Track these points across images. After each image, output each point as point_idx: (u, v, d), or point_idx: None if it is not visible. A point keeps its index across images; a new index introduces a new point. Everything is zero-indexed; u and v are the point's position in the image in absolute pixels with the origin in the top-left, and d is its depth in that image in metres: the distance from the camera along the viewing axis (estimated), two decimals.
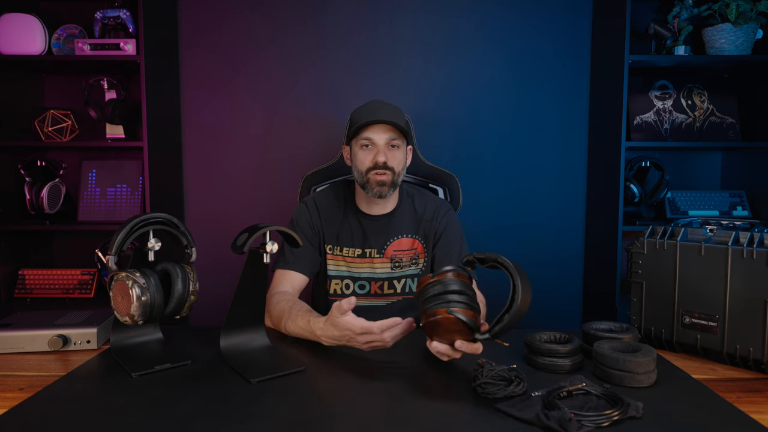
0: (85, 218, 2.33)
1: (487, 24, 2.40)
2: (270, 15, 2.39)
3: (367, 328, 1.03)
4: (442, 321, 0.90)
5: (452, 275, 0.94)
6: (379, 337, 1.03)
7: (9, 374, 1.05)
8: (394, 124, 1.40)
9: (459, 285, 0.93)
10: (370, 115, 1.41)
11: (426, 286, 0.95)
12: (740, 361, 1.08)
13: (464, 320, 0.89)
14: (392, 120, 1.40)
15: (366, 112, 1.43)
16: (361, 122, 1.40)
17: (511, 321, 0.88)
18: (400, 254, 1.52)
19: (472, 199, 2.15)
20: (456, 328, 0.91)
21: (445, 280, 0.93)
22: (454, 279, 0.93)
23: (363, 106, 1.48)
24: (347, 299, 1.05)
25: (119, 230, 1.03)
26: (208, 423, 0.83)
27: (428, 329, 0.94)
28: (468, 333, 0.91)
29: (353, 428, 0.82)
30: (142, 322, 1.02)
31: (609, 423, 0.80)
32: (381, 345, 1.05)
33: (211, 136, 2.44)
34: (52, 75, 2.43)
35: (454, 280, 0.93)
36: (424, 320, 0.94)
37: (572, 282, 2.51)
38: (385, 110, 1.43)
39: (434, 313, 0.91)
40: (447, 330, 0.92)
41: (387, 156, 1.41)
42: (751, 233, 1.07)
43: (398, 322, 1.03)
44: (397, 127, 1.41)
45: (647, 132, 2.38)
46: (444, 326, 0.91)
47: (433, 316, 0.91)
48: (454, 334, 0.92)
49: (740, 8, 2.08)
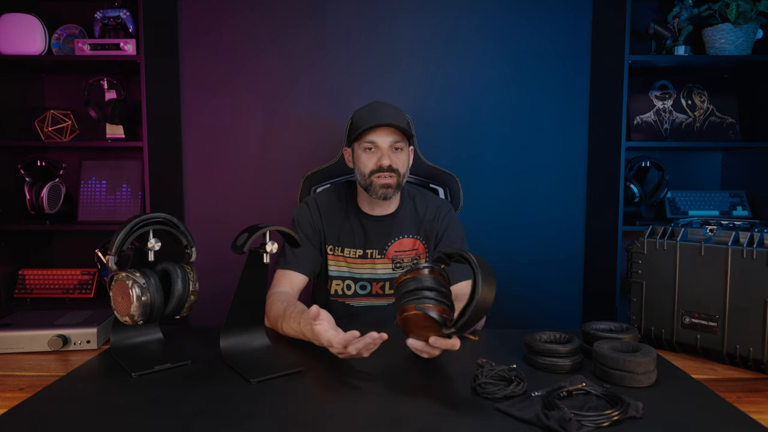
0: (85, 218, 2.33)
1: (487, 24, 2.40)
2: (270, 15, 2.39)
3: (330, 342, 1.01)
4: (412, 317, 0.93)
5: (426, 272, 0.95)
6: (344, 351, 1.00)
7: (9, 374, 1.05)
8: (398, 126, 1.40)
9: (431, 282, 0.94)
10: (373, 118, 1.40)
11: (400, 284, 0.97)
12: (740, 361, 1.08)
13: (432, 315, 0.90)
14: (396, 123, 1.39)
15: (368, 114, 1.42)
16: (364, 126, 1.39)
17: (473, 315, 0.89)
18: (401, 255, 1.52)
19: (472, 199, 2.15)
20: (426, 324, 0.93)
21: (418, 276, 0.95)
22: (427, 276, 0.95)
23: (364, 108, 1.47)
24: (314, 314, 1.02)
25: (119, 230, 1.03)
26: (208, 423, 0.83)
27: (403, 326, 0.96)
28: (439, 329, 0.93)
29: (353, 428, 0.82)
30: (142, 322, 1.02)
31: (609, 423, 0.80)
32: (356, 355, 1.01)
33: (211, 136, 2.44)
34: (52, 75, 2.43)
35: (426, 277, 0.95)
36: (398, 317, 0.96)
37: (572, 282, 2.51)
38: (387, 112, 1.42)
39: (404, 309, 0.93)
40: (418, 326, 0.94)
41: (391, 159, 1.41)
42: (751, 233, 1.07)
43: (355, 336, 0.98)
44: (400, 129, 1.41)
45: (647, 132, 2.38)
46: (414, 322, 0.93)
47: (404, 312, 0.94)
48: (427, 330, 0.94)
49: (740, 8, 2.08)
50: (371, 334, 0.98)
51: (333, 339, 1.01)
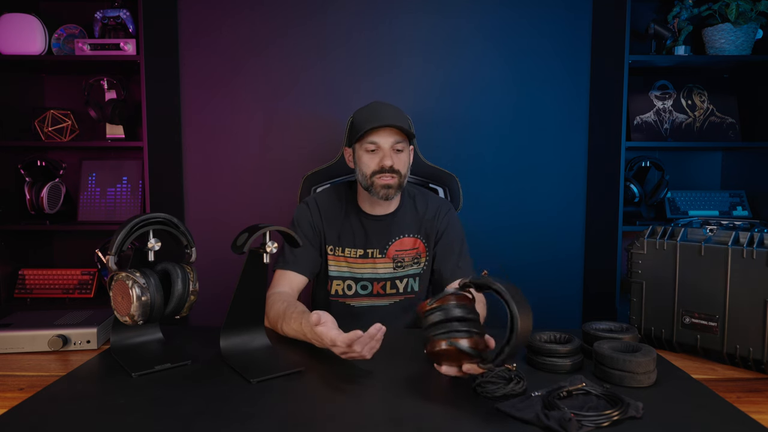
0: (85, 218, 2.33)
1: (487, 24, 2.40)
2: (270, 15, 2.39)
3: (334, 341, 1.01)
4: (445, 352, 0.89)
5: (453, 299, 0.91)
6: (349, 350, 1.01)
7: (9, 374, 1.05)
8: (399, 127, 1.40)
9: (460, 310, 0.90)
10: (375, 119, 1.40)
11: (427, 313, 0.92)
12: (740, 361, 1.08)
13: (467, 351, 0.87)
14: (397, 123, 1.39)
15: (370, 114, 1.42)
16: (366, 127, 1.39)
17: (512, 350, 0.86)
18: (402, 254, 1.52)
19: (472, 199, 2.15)
20: (460, 357, 0.90)
21: (446, 306, 0.91)
22: (455, 304, 0.91)
23: (365, 108, 1.47)
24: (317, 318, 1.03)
25: (119, 230, 1.03)
26: (208, 423, 0.83)
27: (433, 357, 0.93)
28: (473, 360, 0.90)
29: (353, 428, 0.82)
30: (142, 322, 1.02)
31: (609, 423, 0.80)
32: (358, 356, 1.02)
33: (211, 136, 2.44)
34: (52, 75, 2.43)
35: (455, 305, 0.91)
36: (428, 349, 0.92)
37: (572, 282, 2.51)
38: (388, 113, 1.42)
39: (436, 343, 0.90)
40: (451, 358, 0.91)
41: (393, 159, 1.41)
42: (751, 233, 1.07)
43: (358, 336, 0.99)
44: (402, 129, 1.41)
45: (647, 132, 2.38)
46: (448, 355, 0.90)
47: (436, 347, 0.90)
48: (460, 361, 0.91)
49: (740, 8, 2.08)
50: (371, 329, 0.98)
51: (337, 338, 1.01)
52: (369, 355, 1.02)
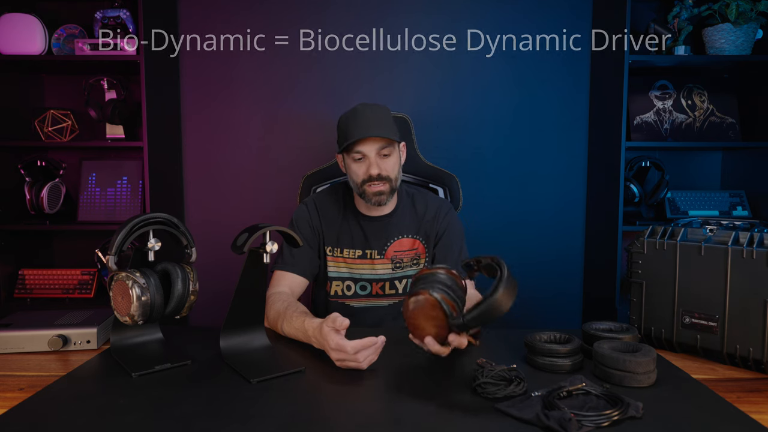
0: (85, 218, 2.33)
1: (487, 24, 2.40)
2: (270, 15, 2.39)
3: (342, 346, 1.01)
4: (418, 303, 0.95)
5: (443, 271, 0.99)
6: (353, 357, 1.01)
7: (9, 374, 1.05)
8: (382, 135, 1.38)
9: (448, 280, 0.98)
10: (356, 128, 1.38)
11: (419, 276, 1.01)
12: (740, 361, 1.08)
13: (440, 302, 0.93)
14: (379, 133, 1.38)
15: (353, 123, 1.40)
16: (349, 139, 1.38)
17: (484, 312, 0.90)
18: (400, 255, 1.52)
19: (472, 199, 2.15)
20: (433, 314, 0.95)
21: (438, 272, 0.99)
22: (445, 274, 0.99)
23: (349, 115, 1.44)
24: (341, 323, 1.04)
25: (119, 230, 1.03)
26: (208, 423, 0.83)
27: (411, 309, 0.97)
28: (444, 320, 0.94)
29: (353, 428, 0.83)
30: (142, 322, 1.02)
31: (609, 423, 0.80)
32: (354, 365, 1.02)
33: (211, 136, 2.44)
34: (52, 75, 2.43)
35: (445, 275, 0.98)
36: (406, 299, 0.98)
37: (572, 282, 2.51)
38: (371, 121, 1.40)
39: (418, 292, 0.95)
40: (424, 314, 0.95)
41: (380, 166, 1.40)
42: (751, 233, 1.07)
43: (373, 343, 1.01)
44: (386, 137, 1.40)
45: (647, 132, 2.38)
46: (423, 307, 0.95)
47: (412, 297, 0.96)
48: (431, 321, 0.96)
49: (740, 8, 2.08)
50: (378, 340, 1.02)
51: (347, 344, 1.01)
52: (366, 365, 1.03)
